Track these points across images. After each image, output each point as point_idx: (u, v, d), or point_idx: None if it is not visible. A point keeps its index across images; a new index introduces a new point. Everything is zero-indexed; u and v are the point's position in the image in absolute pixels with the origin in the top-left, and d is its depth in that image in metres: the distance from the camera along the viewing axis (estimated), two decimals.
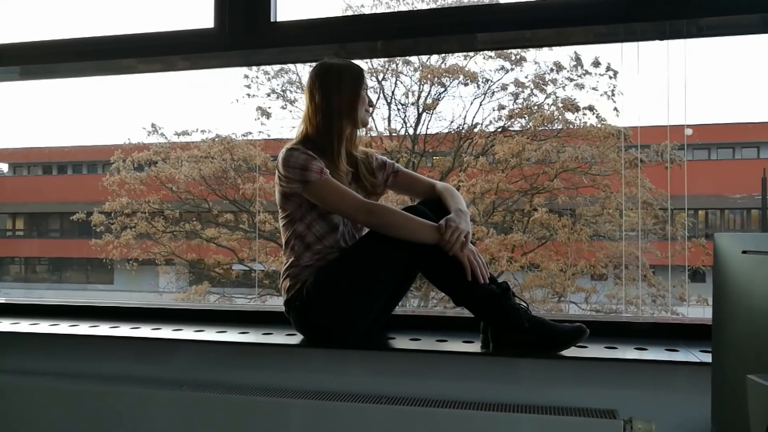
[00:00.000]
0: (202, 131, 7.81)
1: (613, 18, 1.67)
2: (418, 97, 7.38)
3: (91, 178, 9.90)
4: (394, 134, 7.46)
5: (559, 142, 6.90)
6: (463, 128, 7.33)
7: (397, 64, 7.25)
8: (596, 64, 6.92)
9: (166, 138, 8.04)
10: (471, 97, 7.30)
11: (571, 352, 1.45)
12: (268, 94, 7.56)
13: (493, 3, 2.09)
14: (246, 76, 7.55)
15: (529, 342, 1.45)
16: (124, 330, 1.78)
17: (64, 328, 1.83)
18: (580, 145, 6.82)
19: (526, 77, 7.14)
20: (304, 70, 6.93)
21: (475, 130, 7.28)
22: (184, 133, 7.94)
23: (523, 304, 1.50)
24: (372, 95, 1.72)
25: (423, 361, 1.62)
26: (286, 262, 1.64)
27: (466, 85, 7.27)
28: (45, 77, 2.33)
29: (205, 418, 1.59)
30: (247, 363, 1.75)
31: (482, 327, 1.55)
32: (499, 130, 7.24)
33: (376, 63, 7.19)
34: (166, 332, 1.75)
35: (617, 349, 1.49)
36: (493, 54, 6.97)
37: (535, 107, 7.14)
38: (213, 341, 1.73)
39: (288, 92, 7.57)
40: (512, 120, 7.24)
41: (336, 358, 1.68)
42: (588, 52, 7.01)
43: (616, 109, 6.97)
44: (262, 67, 7.33)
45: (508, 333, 1.47)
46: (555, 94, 7.07)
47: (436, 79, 7.23)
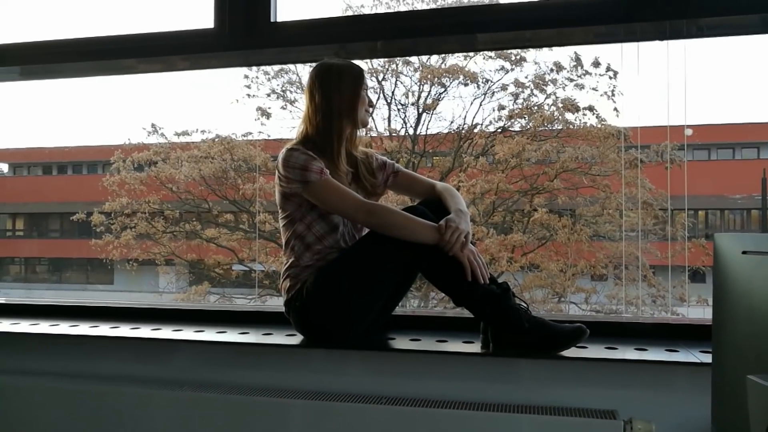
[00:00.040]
0: (202, 131, 7.82)
1: (613, 18, 1.67)
2: (418, 97, 7.38)
3: (91, 179, 9.90)
4: (394, 134, 7.46)
5: (559, 143, 6.90)
6: (463, 128, 7.33)
7: (397, 65, 7.25)
8: (596, 64, 6.92)
9: (166, 138, 8.05)
10: (471, 97, 7.31)
11: (571, 353, 1.45)
12: (268, 95, 7.57)
13: (493, 3, 2.09)
14: (246, 77, 7.56)
15: (529, 342, 1.45)
16: (124, 330, 1.78)
17: (64, 328, 1.83)
18: (580, 145, 6.82)
19: (526, 77, 7.15)
20: (304, 71, 6.93)
21: (475, 131, 7.28)
22: (184, 134, 7.95)
23: (523, 305, 1.50)
24: (372, 95, 1.72)
25: (423, 361, 1.62)
26: (286, 263, 1.64)
27: (466, 85, 7.27)
28: (45, 77, 2.33)
29: (205, 419, 1.59)
30: (247, 363, 1.75)
31: (482, 327, 1.55)
32: (499, 130, 7.24)
33: (376, 63, 7.19)
34: (166, 332, 1.75)
35: (617, 350, 1.49)
36: (493, 54, 6.97)
37: (535, 107, 7.14)
38: (213, 341, 1.73)
39: (288, 92, 7.57)
40: (512, 120, 7.25)
41: (336, 359, 1.68)
42: (588, 53, 7.02)
43: (616, 110, 6.98)
44: (262, 68, 7.33)
45: (508, 333, 1.47)
46: (555, 94, 7.07)
47: (436, 79, 7.23)
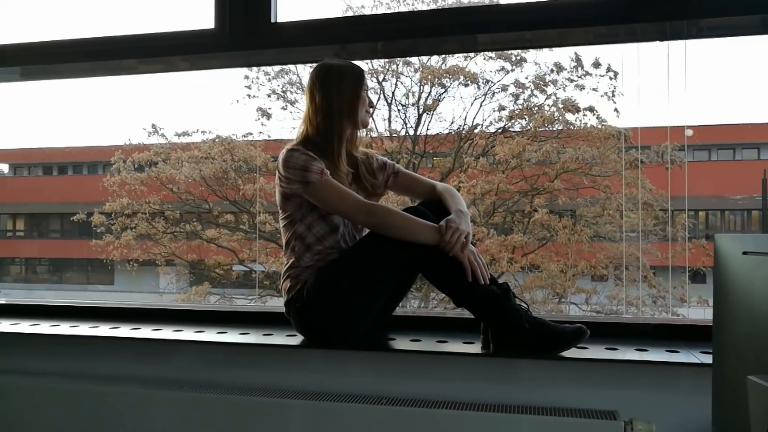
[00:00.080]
0: (203, 132, 7.84)
1: (614, 19, 1.67)
2: (419, 97, 7.39)
3: (92, 179, 9.91)
4: (394, 135, 7.46)
5: (560, 143, 6.91)
6: (463, 129, 7.34)
7: (398, 65, 7.26)
8: (596, 65, 6.93)
9: (166, 139, 8.06)
10: (471, 97, 7.32)
11: (572, 353, 1.45)
12: (269, 95, 7.58)
13: (494, 3, 2.09)
14: (246, 77, 7.58)
15: (529, 343, 1.45)
16: (125, 330, 1.78)
17: (65, 328, 1.83)
18: (580, 146, 6.82)
19: (527, 78, 7.16)
20: (305, 71, 6.94)
21: (476, 131, 7.29)
22: (185, 134, 7.97)
23: (524, 305, 1.50)
24: (372, 96, 1.72)
25: (423, 361, 1.62)
26: (287, 263, 1.64)
27: (467, 85, 7.28)
28: (46, 78, 2.33)
29: (206, 419, 1.59)
30: (248, 363, 1.75)
31: (482, 328, 1.55)
32: (500, 130, 7.24)
33: (377, 64, 7.20)
34: (167, 333, 1.75)
35: (618, 350, 1.49)
36: (493, 55, 6.98)
37: (536, 108, 7.15)
38: (213, 342, 1.73)
39: (288, 93, 7.59)
40: (513, 121, 7.25)
41: (336, 359, 1.68)
42: (588, 53, 7.03)
43: (616, 110, 6.99)
44: (262, 68, 7.35)
45: (509, 334, 1.47)
46: (555, 95, 7.08)
47: (437, 79, 7.23)
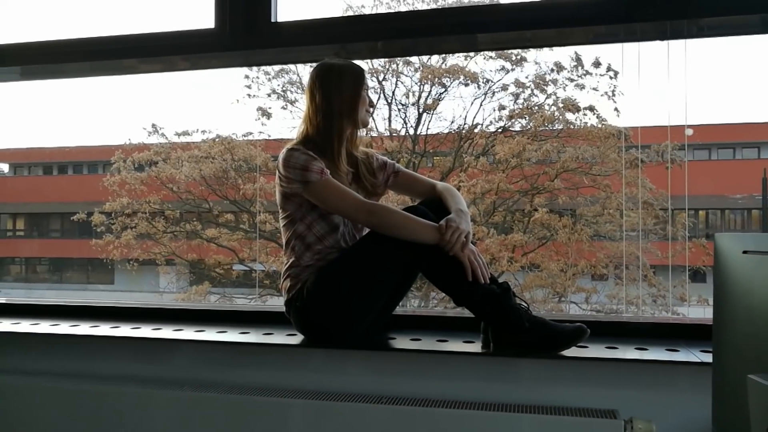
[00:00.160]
0: (203, 131, 7.83)
1: (614, 18, 1.67)
2: (419, 97, 7.39)
3: (92, 179, 9.91)
4: (394, 134, 7.46)
5: (560, 143, 6.91)
6: (463, 128, 7.34)
7: (398, 65, 7.25)
8: (597, 64, 6.92)
9: (166, 138, 8.06)
10: (471, 97, 7.31)
11: (572, 352, 1.45)
12: (269, 95, 7.57)
13: (494, 3, 2.09)
14: (246, 77, 7.57)
15: (529, 342, 1.45)
16: (125, 330, 1.78)
17: (65, 328, 1.83)
18: (580, 145, 6.82)
19: (527, 77, 7.15)
20: (305, 71, 6.93)
21: (476, 131, 7.29)
22: (185, 134, 7.96)
23: (524, 304, 1.50)
24: (372, 95, 1.72)
25: (423, 361, 1.62)
26: (287, 263, 1.64)
27: (467, 85, 7.28)
28: (46, 77, 2.34)
29: (206, 418, 1.59)
30: (248, 363, 1.75)
31: (483, 327, 1.55)
32: (500, 130, 7.24)
33: (377, 63, 7.20)
34: (167, 332, 1.75)
35: (618, 349, 1.49)
36: (493, 54, 6.97)
37: (536, 107, 7.15)
38: (213, 341, 1.73)
39: (288, 92, 7.58)
40: (513, 120, 7.25)
41: (336, 358, 1.68)
42: (588, 53, 7.02)
43: (616, 110, 6.98)
44: (262, 68, 7.34)
45: (509, 333, 1.47)
46: (555, 94, 7.07)
47: (437, 79, 7.23)
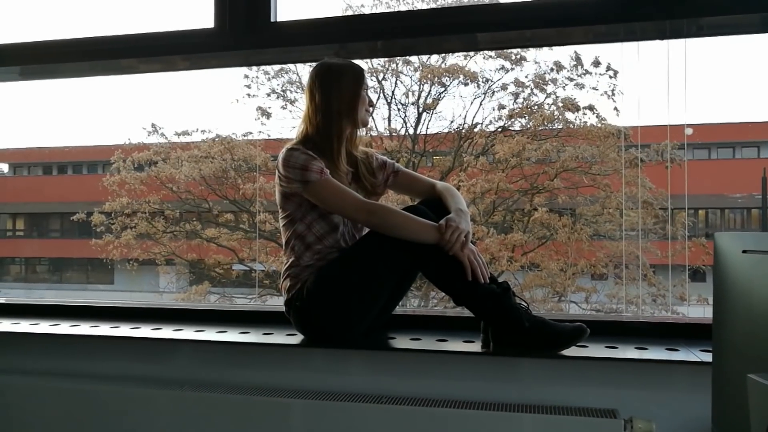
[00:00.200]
0: (203, 131, 7.83)
1: (614, 17, 1.67)
2: (418, 96, 7.38)
3: (92, 178, 9.91)
4: (394, 134, 7.46)
5: (560, 142, 6.91)
6: (463, 128, 7.33)
7: (397, 64, 7.25)
8: (596, 63, 6.92)
9: (166, 138, 8.05)
10: (471, 96, 7.31)
11: (572, 352, 1.45)
12: (268, 94, 7.57)
13: (494, 3, 2.08)
14: (246, 76, 7.56)
15: (529, 341, 1.45)
16: (125, 330, 1.78)
17: (65, 328, 1.83)
18: (580, 144, 6.82)
19: (527, 77, 7.15)
20: (304, 70, 6.93)
21: (476, 130, 7.28)
22: (185, 133, 7.96)
23: (524, 304, 1.50)
24: (372, 95, 1.72)
25: (423, 360, 1.62)
26: (287, 262, 1.64)
27: (466, 84, 7.27)
28: (45, 77, 2.33)
29: (206, 418, 1.59)
30: (248, 363, 1.75)
31: (482, 327, 1.55)
32: (500, 129, 7.24)
33: (376, 63, 7.19)
34: (167, 332, 1.75)
35: (617, 349, 1.49)
36: (493, 54, 6.97)
37: (536, 107, 7.14)
38: (213, 341, 1.73)
39: (288, 92, 7.57)
40: (512, 120, 7.24)
41: (336, 358, 1.68)
42: (588, 52, 7.02)
43: (616, 109, 6.98)
44: (262, 67, 7.33)
45: (509, 332, 1.47)
46: (555, 93, 7.07)
47: (436, 78, 7.23)
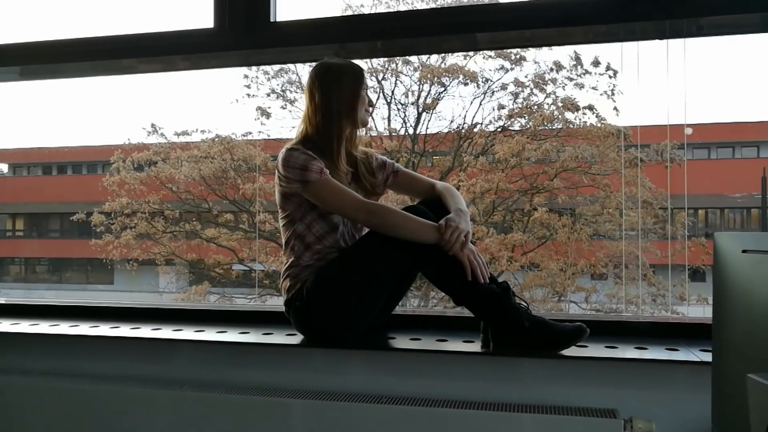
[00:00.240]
0: (202, 131, 7.82)
1: (613, 17, 1.67)
2: (418, 96, 7.38)
3: (91, 179, 9.90)
4: (393, 134, 7.45)
5: (559, 142, 6.90)
6: (462, 128, 7.33)
7: (397, 64, 7.25)
8: (596, 63, 6.92)
9: (165, 138, 8.04)
10: (471, 96, 7.30)
11: (572, 352, 1.45)
12: (268, 94, 7.56)
13: (494, 3, 2.08)
14: (246, 76, 7.56)
15: (529, 341, 1.45)
16: (125, 330, 1.78)
17: (65, 328, 1.83)
18: (579, 144, 6.81)
19: (526, 77, 7.15)
20: (304, 70, 6.93)
21: (475, 130, 7.28)
22: (184, 133, 7.95)
23: (524, 304, 1.50)
24: (372, 95, 1.72)
25: (423, 360, 1.62)
26: (286, 262, 1.64)
27: (466, 84, 7.27)
28: (45, 77, 2.33)
29: (206, 418, 1.59)
30: (248, 363, 1.75)
31: (482, 326, 1.55)
32: (499, 129, 7.24)
33: (376, 63, 7.19)
34: (167, 332, 1.75)
35: (617, 349, 1.49)
36: (492, 53, 6.97)
37: (535, 107, 7.14)
38: (213, 341, 1.73)
39: (288, 92, 7.57)
40: (512, 119, 7.24)
41: (336, 358, 1.68)
42: (588, 52, 7.02)
43: (615, 109, 6.98)
44: (261, 67, 7.33)
45: (509, 332, 1.47)
46: (555, 93, 7.07)
47: (436, 78, 7.22)
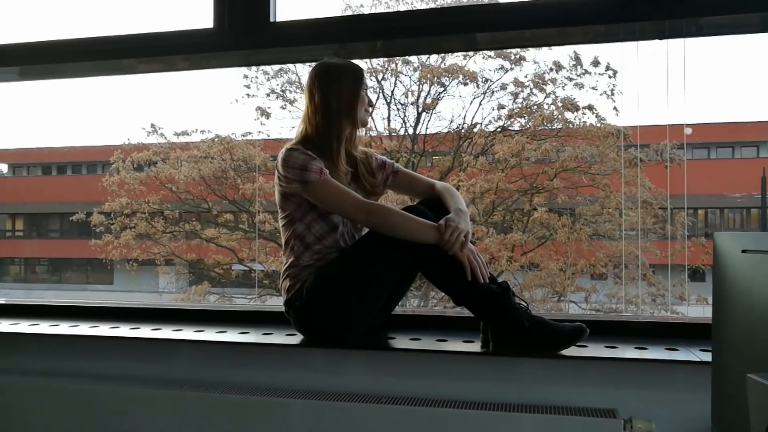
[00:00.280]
0: (202, 131, 7.82)
1: (613, 17, 1.67)
2: (418, 96, 7.38)
3: (91, 179, 9.90)
4: (393, 134, 7.45)
5: (559, 142, 6.90)
6: (462, 128, 7.33)
7: (397, 64, 7.25)
8: (596, 63, 6.92)
9: (165, 138, 8.04)
10: (470, 96, 7.30)
11: (571, 352, 1.45)
12: (268, 94, 7.56)
13: (493, 3, 2.08)
14: (245, 76, 7.56)
15: (529, 341, 1.45)
16: (124, 330, 1.78)
17: (64, 328, 1.83)
18: (579, 144, 6.82)
19: (526, 77, 7.15)
20: (304, 70, 6.93)
21: (475, 130, 7.28)
22: (184, 134, 7.95)
23: (523, 304, 1.50)
24: (371, 95, 1.72)
25: (423, 360, 1.62)
26: (286, 262, 1.64)
27: (466, 84, 7.27)
28: (44, 77, 2.33)
29: (206, 418, 1.59)
30: (247, 363, 1.75)
31: (482, 326, 1.55)
32: (499, 129, 7.24)
33: (376, 63, 7.19)
34: (166, 332, 1.75)
35: (617, 349, 1.49)
36: (492, 53, 6.97)
37: (535, 107, 7.14)
38: (213, 341, 1.73)
39: (287, 92, 7.57)
40: (512, 119, 7.24)
41: (336, 358, 1.69)
42: (587, 52, 7.02)
43: (615, 109, 6.98)
44: (261, 67, 7.33)
45: (508, 332, 1.47)
46: (554, 93, 7.07)
47: (436, 78, 7.22)
